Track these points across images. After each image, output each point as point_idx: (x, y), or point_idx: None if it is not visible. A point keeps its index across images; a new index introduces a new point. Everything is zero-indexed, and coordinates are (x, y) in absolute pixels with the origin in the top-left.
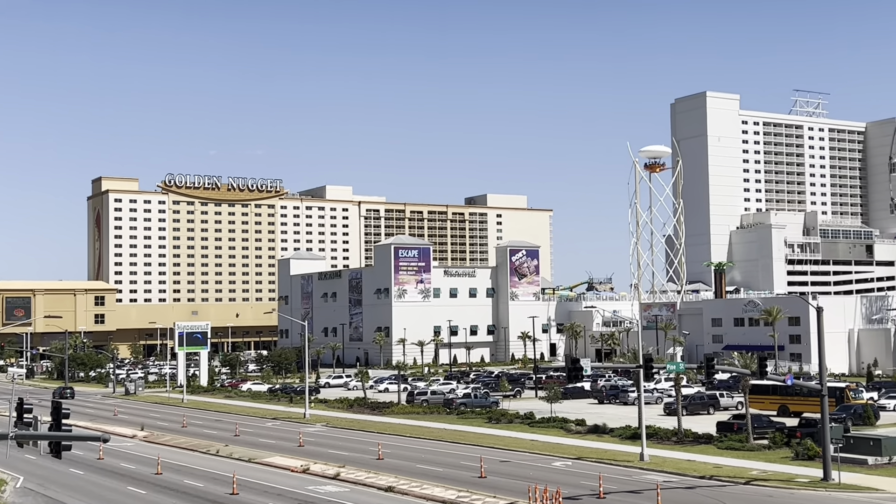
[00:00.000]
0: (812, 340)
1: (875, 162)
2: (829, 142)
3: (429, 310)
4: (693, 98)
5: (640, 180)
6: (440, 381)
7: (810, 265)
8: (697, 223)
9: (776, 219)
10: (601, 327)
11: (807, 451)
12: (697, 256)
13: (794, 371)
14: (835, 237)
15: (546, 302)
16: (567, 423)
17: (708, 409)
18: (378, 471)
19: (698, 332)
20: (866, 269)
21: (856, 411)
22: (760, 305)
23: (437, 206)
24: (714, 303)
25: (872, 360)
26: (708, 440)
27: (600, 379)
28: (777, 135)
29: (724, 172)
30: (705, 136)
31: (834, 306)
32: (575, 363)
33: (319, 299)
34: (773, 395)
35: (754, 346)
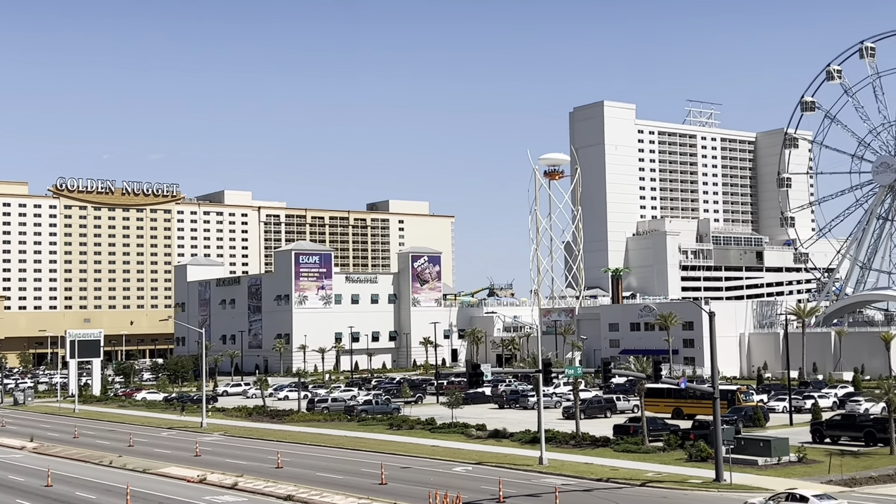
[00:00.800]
0: (705, 344)
1: (764, 171)
2: (721, 151)
3: (330, 316)
4: (591, 107)
5: (539, 187)
6: (341, 388)
7: (703, 271)
8: (595, 230)
9: (671, 226)
10: (502, 332)
11: (700, 453)
12: (595, 262)
13: (687, 374)
14: (727, 244)
15: (448, 308)
16: (468, 429)
17: (605, 412)
18: (277, 480)
19: (596, 336)
20: (757, 275)
21: (747, 413)
22: (656, 310)
23: (338, 211)
24: (611, 308)
25: (762, 364)
26: (605, 443)
27: (501, 384)
28: (672, 144)
29: (620, 180)
30: (603, 144)
31: (726, 311)
32: (476, 368)
33: (217, 306)
34: (667, 398)
35: (650, 351)
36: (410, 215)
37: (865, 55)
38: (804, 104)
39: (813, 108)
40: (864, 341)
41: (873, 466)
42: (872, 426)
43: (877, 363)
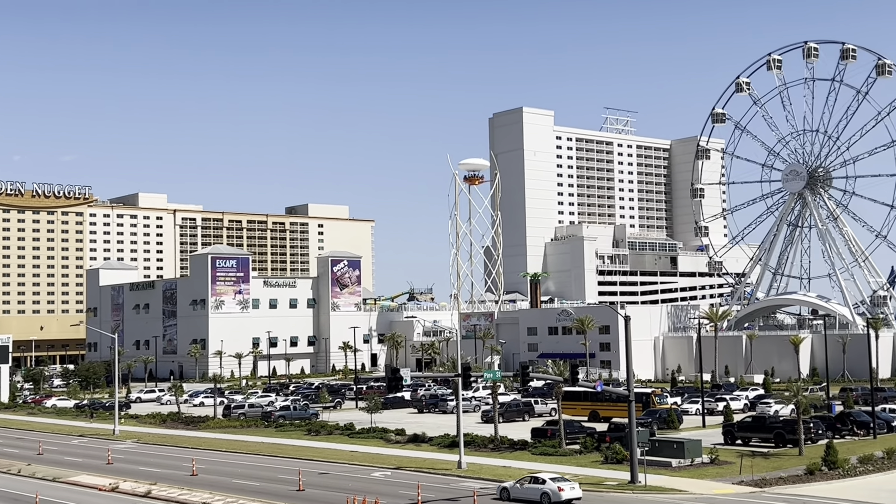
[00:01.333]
0: (621, 348)
1: (679, 178)
2: (636, 158)
3: (247, 321)
4: (510, 113)
5: (459, 192)
6: (259, 394)
7: (619, 276)
8: (515, 235)
9: (588, 231)
10: (422, 337)
11: (615, 455)
12: (514, 267)
13: (604, 378)
14: (642, 249)
15: (367, 312)
16: (387, 434)
17: (524, 415)
18: (192, 487)
19: (515, 340)
20: (671, 280)
21: (661, 416)
22: (573, 315)
23: (256, 215)
24: (530, 312)
25: (676, 367)
26: (523, 446)
27: (420, 388)
28: (589, 150)
29: (539, 186)
30: (522, 150)
31: (641, 315)
32: (395, 373)
33: (131, 311)
34: (584, 401)
35: (567, 354)
36: (330, 219)
37: (773, 67)
38: (715, 116)
39: (723, 120)
40: (774, 344)
41: (783, 467)
42: (782, 428)
43: (786, 366)
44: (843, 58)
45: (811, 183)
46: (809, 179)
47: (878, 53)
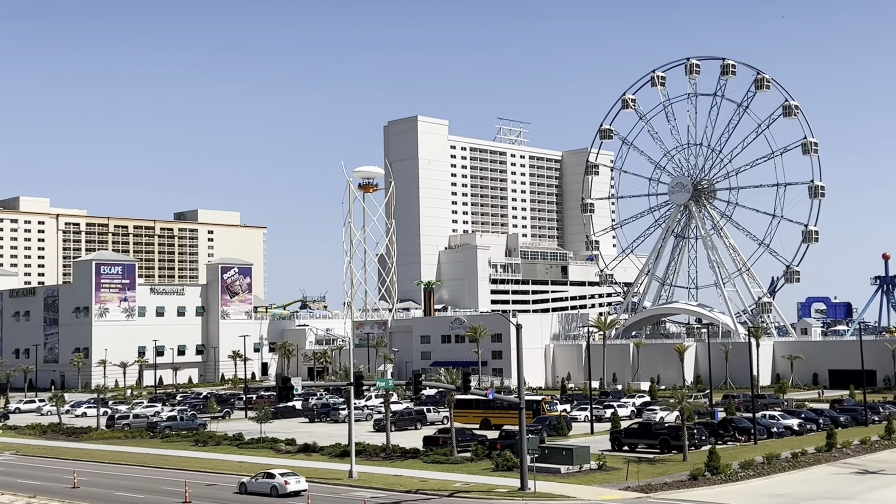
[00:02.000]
0: (512, 356)
1: (570, 188)
2: (529, 168)
3: (133, 329)
4: (405, 121)
5: (354, 200)
6: (144, 404)
7: (512, 284)
8: (409, 243)
9: (481, 240)
10: (314, 346)
11: (506, 463)
12: (409, 275)
13: (495, 385)
14: (534, 258)
15: (259, 321)
16: (277, 443)
17: (416, 424)
18: (74, 500)
19: (408, 349)
20: (562, 289)
21: (551, 423)
22: (466, 323)
23: (144, 220)
24: (423, 320)
25: (566, 374)
26: (415, 455)
27: (312, 397)
28: (483, 160)
29: (433, 194)
30: (417, 158)
31: (532, 324)
32: (285, 382)
33: (10, 318)
34: (476, 409)
35: (460, 362)
36: (221, 225)
37: (657, 83)
38: (602, 132)
39: (611, 136)
40: (660, 352)
41: (668, 472)
42: (667, 434)
43: (671, 373)
44: (724, 73)
45: (696, 195)
46: (694, 192)
47: (756, 68)
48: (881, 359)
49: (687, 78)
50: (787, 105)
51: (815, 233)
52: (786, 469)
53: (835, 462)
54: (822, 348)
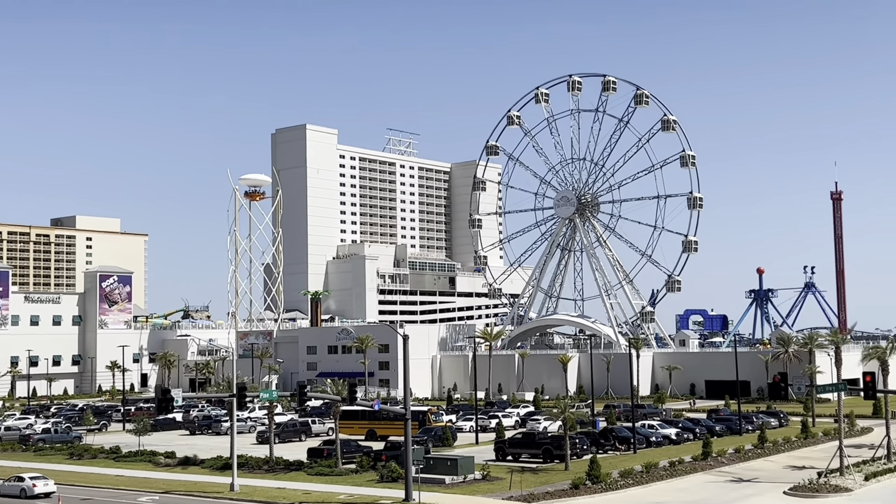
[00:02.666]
0: (399, 366)
1: (459, 200)
2: (418, 179)
3: (6, 338)
4: (294, 129)
5: (239, 208)
6: (16, 416)
7: (400, 295)
8: (296, 252)
9: (370, 250)
10: (196, 356)
11: (391, 474)
12: (295, 285)
13: (382, 396)
14: (422, 269)
15: (139, 330)
16: (156, 456)
17: (300, 435)
18: None
19: (294, 359)
20: (449, 300)
21: (437, 433)
22: (353, 333)
23: (18, 226)
24: (309, 331)
25: (453, 385)
26: (299, 467)
27: (193, 409)
28: (372, 170)
29: (322, 204)
30: (305, 167)
31: (420, 334)
32: (165, 393)
33: None
34: (362, 420)
35: (347, 373)
36: (100, 232)
37: (541, 100)
38: (489, 149)
39: (497, 152)
40: (544, 363)
41: (550, 482)
42: (550, 443)
43: (555, 383)
44: (605, 89)
45: (580, 208)
46: (579, 205)
47: (636, 84)
48: (755, 370)
49: (570, 94)
50: (666, 119)
51: (694, 242)
52: (663, 477)
53: (710, 470)
54: (699, 359)
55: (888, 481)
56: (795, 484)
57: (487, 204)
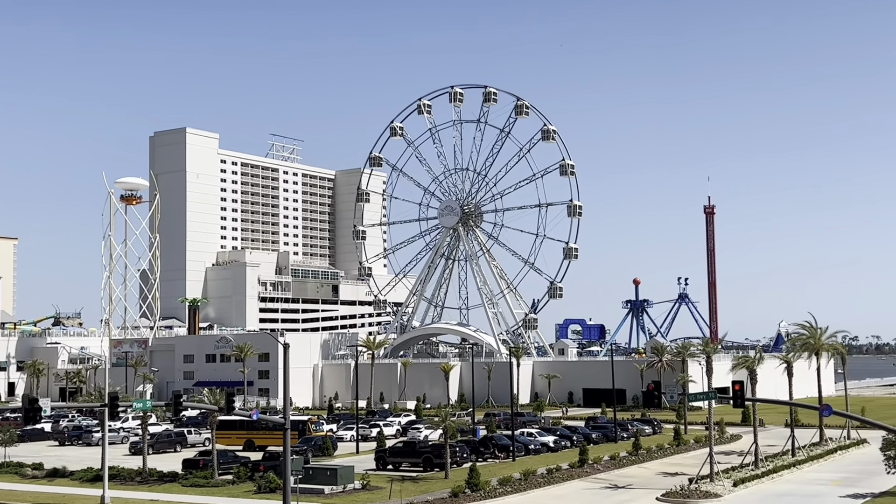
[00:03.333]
0: (280, 375)
1: (343, 207)
2: (302, 186)
3: None
4: (173, 133)
5: (115, 212)
6: None
7: (282, 303)
8: (174, 258)
9: (251, 257)
10: (67, 364)
11: (269, 484)
12: (173, 292)
13: (261, 406)
14: (305, 277)
15: (6, 337)
16: (23, 468)
17: (176, 446)
18: None
19: (170, 368)
20: (332, 308)
21: (316, 443)
22: (232, 342)
23: None
24: (187, 339)
25: (334, 394)
26: (174, 478)
27: (63, 419)
28: (254, 176)
29: (202, 209)
30: (184, 171)
31: (301, 343)
32: (32, 403)
33: None
34: (240, 430)
35: (225, 382)
36: None
37: (423, 111)
38: (372, 160)
39: (380, 164)
40: (426, 372)
41: (430, 490)
42: (430, 452)
43: (437, 392)
44: (486, 100)
45: (464, 218)
46: (462, 215)
47: (516, 95)
48: (631, 378)
49: (452, 105)
50: (546, 129)
51: (575, 250)
52: (541, 485)
53: (587, 477)
54: (577, 368)
55: (755, 487)
56: (668, 490)
57: (372, 214)
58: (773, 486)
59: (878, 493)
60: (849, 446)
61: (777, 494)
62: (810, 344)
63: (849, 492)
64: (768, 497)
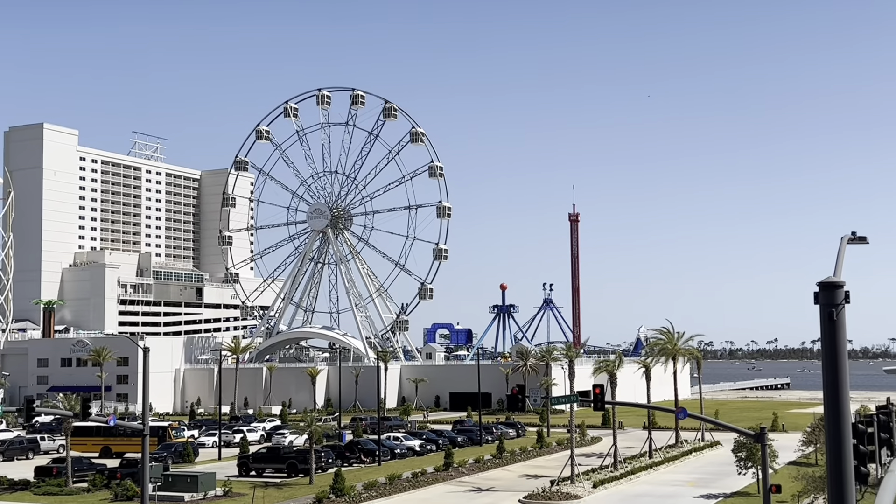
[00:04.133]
0: (139, 380)
1: (208, 209)
2: (165, 185)
3: None
4: (30, 128)
5: None
6: None
7: (143, 306)
8: (29, 258)
9: (111, 258)
10: None
11: (126, 492)
12: (27, 293)
13: (119, 411)
14: (167, 279)
15: None
16: None
17: (28, 453)
18: None
19: (23, 373)
20: (196, 311)
21: (177, 449)
22: (90, 345)
23: None
24: (41, 342)
25: (196, 399)
26: (25, 486)
27: None
28: (115, 174)
29: (59, 208)
30: (41, 168)
31: (162, 347)
32: None
33: None
34: (97, 436)
35: (82, 387)
36: None
37: (290, 114)
38: (238, 163)
39: (247, 168)
40: (293, 376)
41: (294, 496)
42: (295, 457)
43: (303, 397)
44: (354, 103)
45: (334, 221)
46: (332, 218)
47: (384, 98)
48: (496, 382)
49: (319, 108)
50: (415, 132)
51: (444, 250)
52: (406, 489)
53: (451, 481)
54: (444, 372)
55: (614, 488)
56: (530, 492)
57: (238, 219)
58: (630, 487)
59: (730, 494)
60: (703, 448)
61: (634, 495)
62: (668, 349)
63: (702, 492)
64: (626, 498)
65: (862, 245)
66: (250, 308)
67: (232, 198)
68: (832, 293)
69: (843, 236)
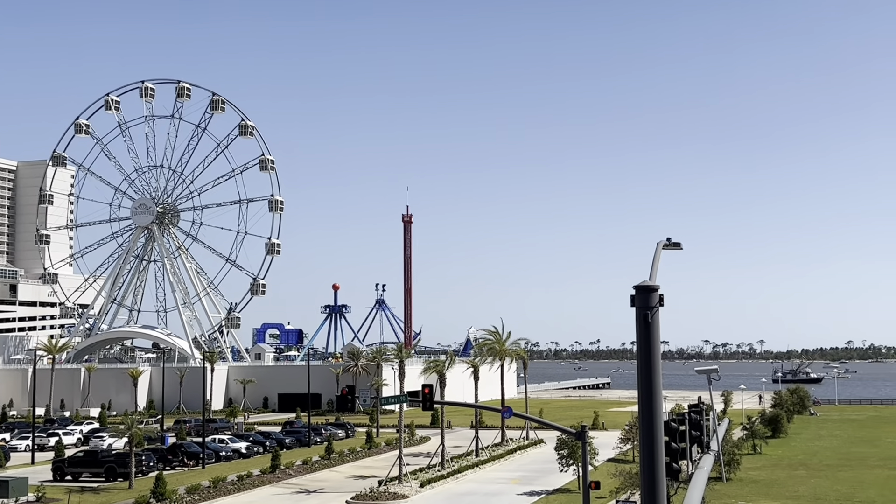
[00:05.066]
0: None
1: (24, 202)
2: None
3: None
4: None
5: None
6: None
7: None
8: None
9: None
10: None
11: None
12: None
13: None
14: None
15: None
16: None
17: None
18: None
19: None
20: (9, 309)
21: None
22: None
23: None
24: None
25: (9, 401)
26: None
27: None
28: None
29: None
30: None
31: None
32: None
33: None
34: None
35: None
36: None
37: (112, 107)
38: (56, 158)
39: (65, 163)
40: (113, 377)
41: (113, 501)
42: (114, 461)
43: (124, 398)
44: (180, 96)
45: (160, 217)
46: (158, 214)
47: (212, 91)
48: (327, 383)
49: (143, 101)
50: (244, 125)
51: (277, 245)
52: (231, 492)
53: (278, 483)
54: (273, 373)
55: (441, 487)
56: (358, 493)
57: (57, 216)
58: (457, 485)
59: (552, 490)
60: (527, 446)
61: (460, 493)
62: (495, 349)
63: (526, 489)
64: (452, 496)
65: (677, 251)
66: (70, 309)
67: (49, 194)
68: (647, 296)
69: (659, 242)
